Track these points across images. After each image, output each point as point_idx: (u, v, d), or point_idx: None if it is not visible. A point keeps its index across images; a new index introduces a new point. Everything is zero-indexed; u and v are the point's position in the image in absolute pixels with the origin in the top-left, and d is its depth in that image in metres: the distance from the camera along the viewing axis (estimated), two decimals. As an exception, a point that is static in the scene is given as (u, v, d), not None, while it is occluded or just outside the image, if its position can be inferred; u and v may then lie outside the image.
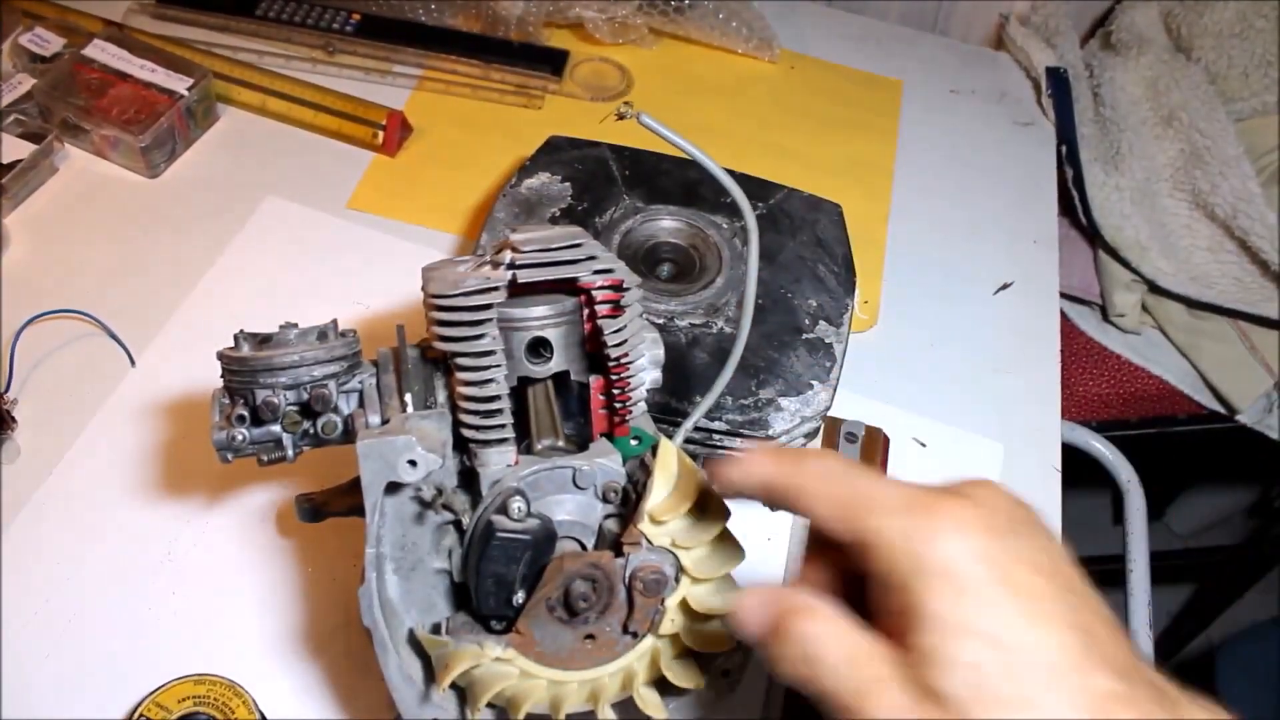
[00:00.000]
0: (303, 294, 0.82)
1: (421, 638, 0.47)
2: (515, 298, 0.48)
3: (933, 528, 0.33)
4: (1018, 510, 0.35)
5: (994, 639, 0.31)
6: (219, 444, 0.49)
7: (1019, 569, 0.33)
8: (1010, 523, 0.34)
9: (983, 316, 0.89)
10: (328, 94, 0.94)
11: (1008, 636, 0.31)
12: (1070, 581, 0.33)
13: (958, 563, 0.32)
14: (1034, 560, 0.33)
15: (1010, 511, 0.34)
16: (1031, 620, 0.32)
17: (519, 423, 0.48)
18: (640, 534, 0.45)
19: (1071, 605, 0.33)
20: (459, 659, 0.44)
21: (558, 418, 0.49)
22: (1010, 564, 0.33)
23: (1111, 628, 0.33)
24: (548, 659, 0.45)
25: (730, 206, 0.78)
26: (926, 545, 0.33)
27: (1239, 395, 1.10)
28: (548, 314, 0.48)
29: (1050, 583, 0.33)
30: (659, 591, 0.45)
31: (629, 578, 0.45)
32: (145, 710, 0.57)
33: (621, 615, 0.46)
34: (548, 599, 0.45)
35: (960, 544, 0.33)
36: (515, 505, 0.45)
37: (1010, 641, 0.31)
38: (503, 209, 0.77)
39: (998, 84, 1.12)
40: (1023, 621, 0.32)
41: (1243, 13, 1.11)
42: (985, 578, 0.32)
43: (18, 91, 0.88)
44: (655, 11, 1.05)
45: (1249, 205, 1.02)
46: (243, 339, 0.50)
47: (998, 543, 0.33)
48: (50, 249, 0.83)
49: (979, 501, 0.34)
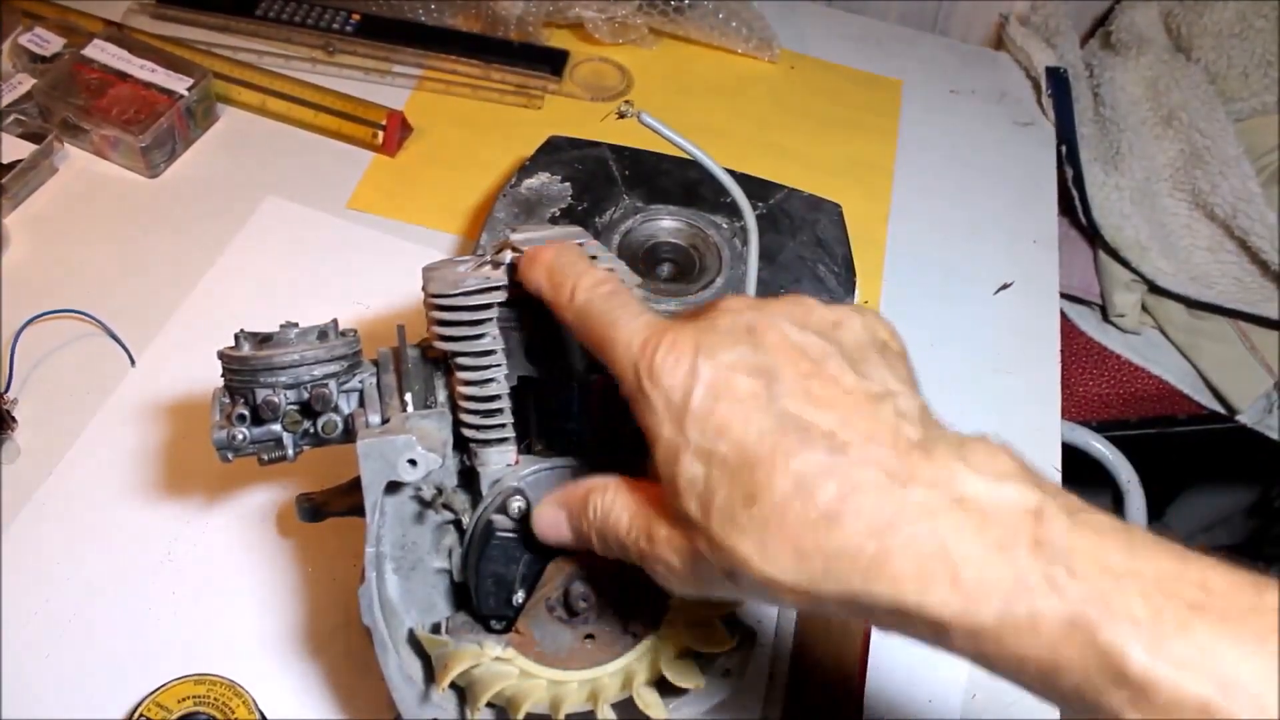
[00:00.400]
0: (303, 294, 0.82)
1: (421, 637, 0.47)
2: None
3: (649, 362, 0.35)
4: (742, 316, 0.36)
5: (706, 451, 0.34)
6: (219, 443, 0.49)
7: (733, 378, 0.34)
8: (730, 333, 0.35)
9: (983, 316, 0.89)
10: (328, 94, 0.94)
11: (719, 444, 0.33)
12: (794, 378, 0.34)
13: (671, 391, 0.35)
14: (748, 365, 0.34)
15: (734, 318, 0.36)
16: (736, 425, 0.33)
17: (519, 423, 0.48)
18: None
19: (786, 400, 0.33)
20: (458, 659, 0.44)
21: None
22: (721, 375, 0.34)
23: (835, 402, 0.34)
24: (548, 659, 0.45)
25: (730, 206, 0.78)
26: (648, 380, 0.35)
27: (1239, 395, 1.10)
28: None
29: (753, 381, 0.34)
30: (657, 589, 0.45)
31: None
32: (145, 710, 0.57)
33: (621, 613, 0.46)
34: (547, 599, 0.45)
35: (673, 374, 0.35)
36: (515, 505, 0.45)
37: (722, 447, 0.33)
38: (503, 209, 0.77)
39: (998, 84, 1.12)
40: (732, 422, 0.33)
41: (1243, 13, 1.11)
42: (695, 399, 0.34)
43: (18, 91, 0.88)
44: (655, 11, 1.05)
45: (1249, 205, 1.02)
46: (243, 338, 0.50)
47: (708, 360, 0.34)
48: (50, 249, 0.83)
49: (704, 323, 0.36)
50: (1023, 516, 0.30)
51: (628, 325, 0.37)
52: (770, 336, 0.35)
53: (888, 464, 0.32)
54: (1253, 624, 0.28)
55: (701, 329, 0.35)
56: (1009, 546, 0.30)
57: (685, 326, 0.36)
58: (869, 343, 0.36)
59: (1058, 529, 0.30)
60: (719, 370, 0.34)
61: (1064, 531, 0.30)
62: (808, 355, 0.34)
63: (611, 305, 0.39)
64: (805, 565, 0.32)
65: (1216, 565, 0.29)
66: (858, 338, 0.36)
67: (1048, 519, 0.30)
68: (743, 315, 0.36)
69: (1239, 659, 0.27)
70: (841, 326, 0.36)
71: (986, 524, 0.30)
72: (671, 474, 0.35)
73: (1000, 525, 0.30)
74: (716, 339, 0.35)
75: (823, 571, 0.31)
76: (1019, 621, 0.29)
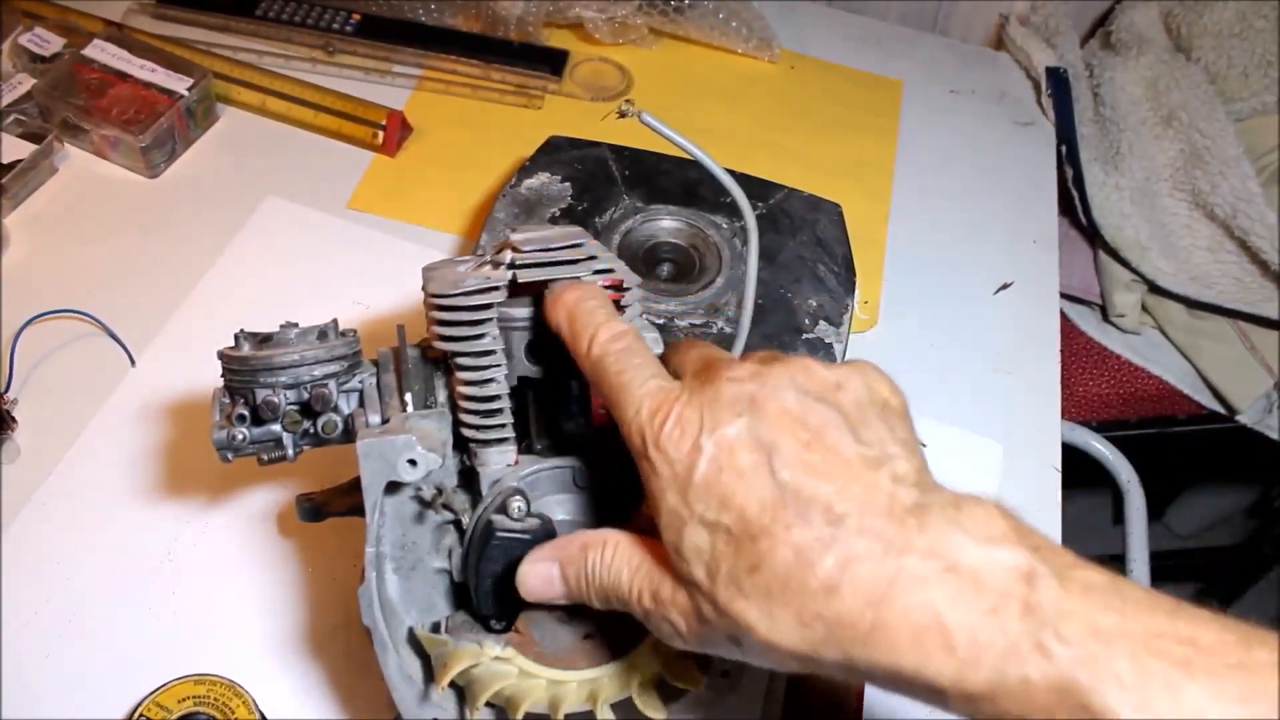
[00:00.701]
0: (303, 294, 0.82)
1: (421, 637, 0.47)
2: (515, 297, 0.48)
3: (656, 433, 0.36)
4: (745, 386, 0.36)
5: (711, 522, 0.35)
6: (219, 443, 0.49)
7: (735, 451, 0.35)
8: (732, 404, 0.36)
9: (983, 316, 0.89)
10: (328, 94, 0.94)
11: (723, 515, 0.34)
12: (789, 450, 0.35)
13: (676, 463, 0.36)
14: (750, 438, 0.35)
15: (737, 389, 0.36)
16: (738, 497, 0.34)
17: (519, 423, 0.48)
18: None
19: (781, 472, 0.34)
20: (458, 658, 0.44)
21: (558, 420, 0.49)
22: (724, 449, 0.35)
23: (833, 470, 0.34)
24: (547, 658, 0.45)
25: (730, 206, 0.78)
26: (654, 449, 0.36)
27: (1239, 395, 1.10)
28: None
29: (754, 454, 0.35)
30: None
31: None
32: (145, 710, 0.57)
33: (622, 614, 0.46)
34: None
35: (678, 447, 0.36)
36: (515, 505, 0.45)
37: (725, 518, 0.34)
38: (502, 209, 0.77)
39: (998, 84, 1.12)
40: (734, 493, 0.34)
41: (1243, 13, 1.11)
42: (699, 472, 0.35)
43: (18, 91, 0.88)
44: (655, 11, 1.05)
45: (1249, 205, 1.02)
46: (243, 338, 0.50)
47: (711, 435, 0.35)
48: (50, 249, 0.83)
49: (708, 393, 0.36)
50: (1014, 580, 0.31)
51: (637, 390, 0.38)
52: (771, 407, 0.35)
53: (884, 533, 0.32)
54: (1238, 681, 0.28)
55: (706, 401, 0.36)
56: (1000, 611, 0.30)
57: (691, 398, 0.37)
58: (869, 403, 0.37)
59: (1048, 592, 0.30)
60: (721, 444, 0.35)
61: (1054, 594, 0.30)
62: (807, 424, 0.35)
63: (624, 365, 0.40)
64: (807, 633, 0.33)
65: (1208, 620, 0.30)
66: (858, 399, 0.37)
67: (1038, 582, 0.31)
68: (745, 385, 0.36)
69: (1223, 717, 0.28)
70: (843, 388, 0.37)
71: (979, 589, 0.31)
72: (677, 541, 0.36)
73: (992, 590, 0.31)
74: (719, 412, 0.36)
75: (824, 639, 0.33)
76: (1012, 687, 0.30)
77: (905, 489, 0.34)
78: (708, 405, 0.36)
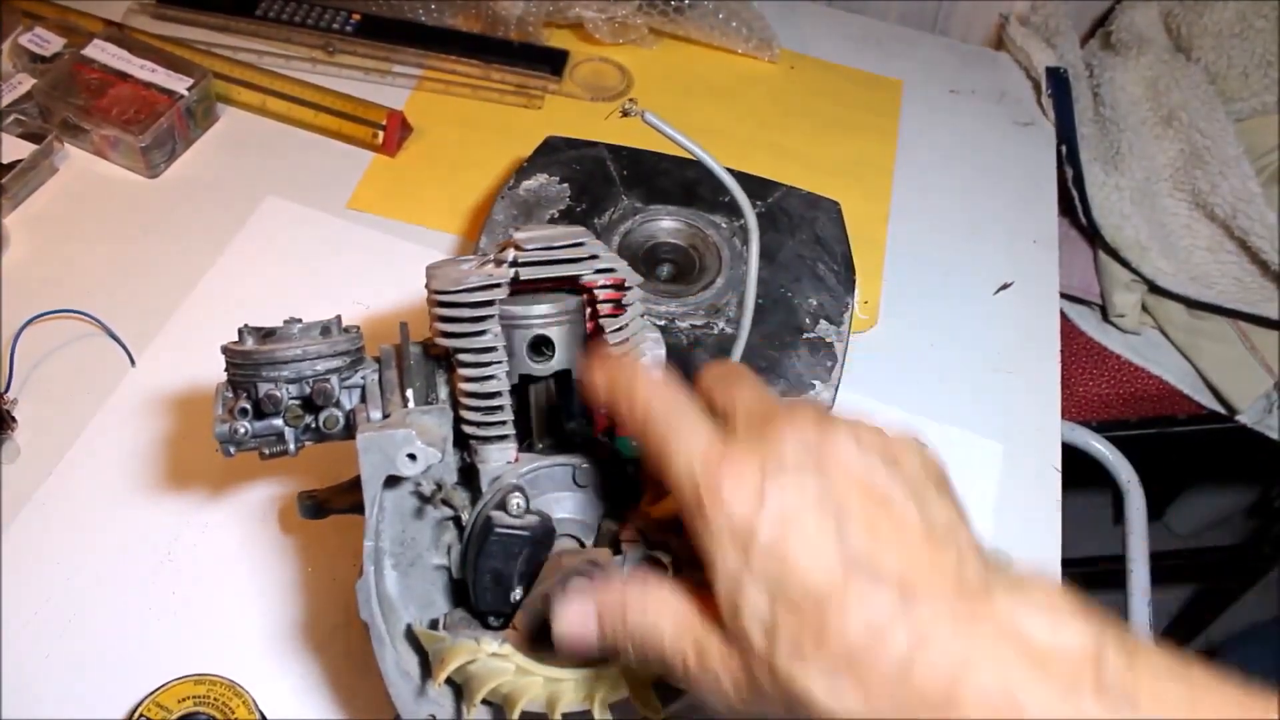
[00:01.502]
0: (303, 294, 0.82)
1: (418, 632, 0.47)
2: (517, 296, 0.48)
3: (713, 483, 0.34)
4: (808, 436, 0.35)
5: (774, 588, 0.33)
6: (221, 437, 0.49)
7: (801, 514, 0.33)
8: (796, 460, 0.34)
9: (983, 316, 0.89)
10: (328, 94, 0.94)
11: (788, 582, 0.33)
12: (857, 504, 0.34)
13: (735, 517, 0.34)
14: (816, 500, 0.34)
15: (800, 439, 0.35)
16: (804, 563, 0.33)
17: (521, 421, 0.48)
18: (638, 532, 0.45)
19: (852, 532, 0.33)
20: (455, 654, 0.44)
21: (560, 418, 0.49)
22: (789, 509, 0.33)
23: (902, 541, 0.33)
24: (545, 656, 0.45)
25: (729, 206, 0.78)
26: (710, 501, 0.34)
27: (1239, 395, 1.10)
28: (550, 312, 0.48)
29: (823, 518, 0.33)
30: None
31: (626, 575, 0.45)
32: (145, 710, 0.57)
33: None
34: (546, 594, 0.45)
35: (737, 499, 0.34)
36: (514, 501, 0.45)
37: (790, 586, 0.33)
38: (501, 211, 0.77)
39: (998, 84, 1.12)
40: (800, 561, 0.33)
41: (1243, 13, 1.11)
42: (762, 530, 0.33)
43: (18, 91, 0.88)
44: (655, 11, 1.05)
45: (1249, 205, 1.02)
46: (246, 333, 0.50)
47: (775, 488, 0.34)
48: (50, 249, 0.83)
49: (769, 445, 0.35)
50: (1084, 658, 0.31)
51: (688, 438, 0.36)
52: (836, 466, 0.34)
53: (955, 610, 0.32)
54: None
55: (767, 451, 0.35)
56: (1073, 690, 0.30)
57: (749, 446, 0.35)
58: (926, 476, 0.36)
59: (1118, 672, 0.30)
60: (786, 501, 0.34)
61: (1124, 674, 0.30)
62: (875, 489, 0.34)
63: (673, 411, 0.38)
64: (874, 705, 0.32)
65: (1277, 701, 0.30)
66: (917, 472, 0.36)
67: (1108, 662, 0.30)
68: (808, 435, 0.35)
69: None
70: (902, 457, 0.36)
71: (1050, 667, 0.31)
72: (734, 601, 0.34)
73: (1063, 668, 0.30)
74: (782, 464, 0.34)
75: (891, 712, 0.32)
76: None
77: (971, 566, 0.33)
78: (770, 458, 0.34)
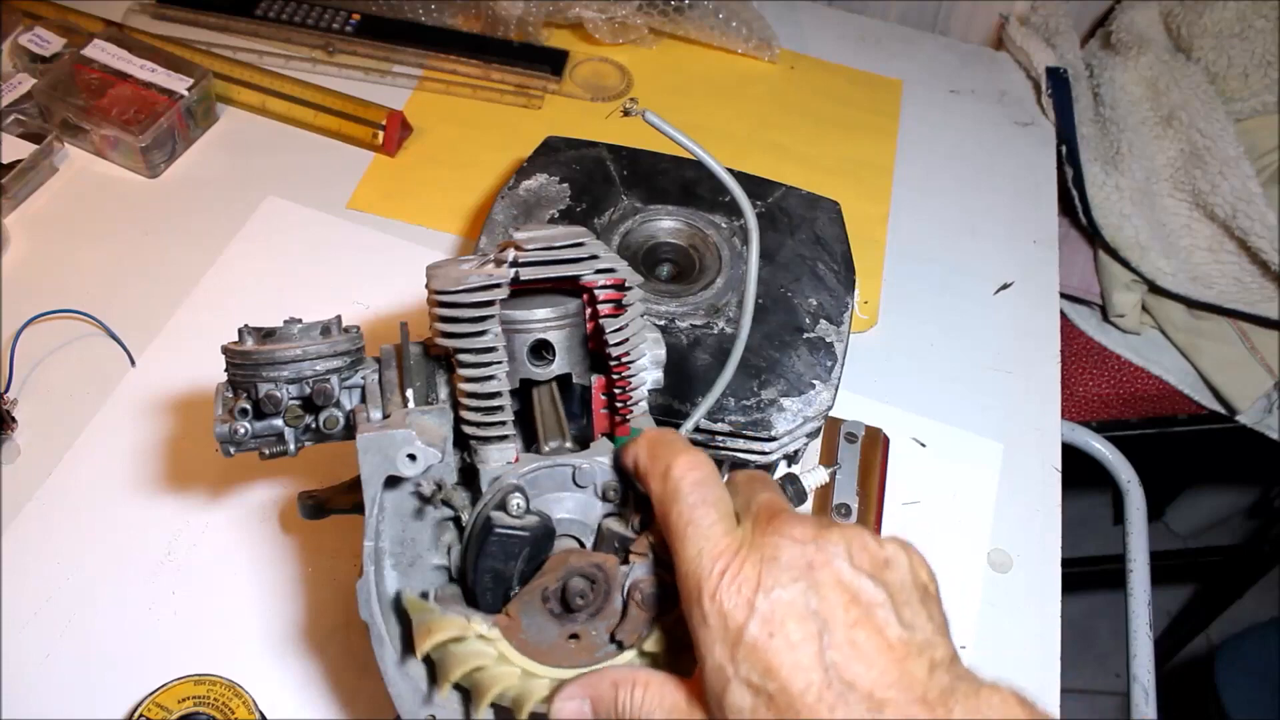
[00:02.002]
0: (303, 294, 0.82)
1: (407, 600, 0.46)
2: (518, 300, 0.48)
3: (714, 584, 0.38)
4: (804, 550, 0.38)
5: (755, 686, 0.36)
6: (221, 436, 0.49)
7: (786, 621, 0.36)
8: (790, 569, 0.37)
9: (983, 316, 0.89)
10: (328, 94, 0.94)
11: (768, 683, 0.36)
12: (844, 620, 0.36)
13: (728, 617, 0.37)
14: (803, 608, 0.36)
15: (796, 551, 0.38)
16: (785, 668, 0.36)
17: (526, 425, 0.48)
18: (649, 546, 0.45)
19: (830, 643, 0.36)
20: (443, 626, 0.44)
21: (564, 419, 0.49)
22: (778, 614, 0.36)
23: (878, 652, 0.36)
24: (529, 649, 0.45)
25: (729, 205, 0.78)
26: (709, 598, 0.38)
27: (1239, 395, 1.10)
28: (550, 317, 0.48)
29: (805, 626, 0.36)
30: (655, 607, 0.45)
31: (629, 587, 0.45)
32: (145, 710, 0.57)
33: (612, 623, 0.45)
34: (545, 588, 0.44)
35: (732, 601, 0.37)
36: (514, 502, 0.45)
37: (770, 686, 0.36)
38: (501, 211, 0.77)
39: (998, 84, 1.12)
40: (782, 665, 0.36)
41: (1243, 13, 1.11)
42: (750, 631, 0.36)
43: (18, 91, 0.88)
44: (655, 11, 1.05)
45: (1249, 205, 1.02)
46: (247, 333, 0.50)
47: (767, 596, 0.37)
48: (50, 249, 0.83)
49: (769, 551, 0.38)
50: None
51: (703, 532, 0.40)
52: (826, 577, 0.37)
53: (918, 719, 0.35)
54: None
55: (766, 558, 0.38)
56: None
57: (750, 552, 0.38)
58: (912, 585, 0.39)
59: None
60: (775, 608, 0.36)
61: None
62: (859, 600, 0.37)
63: (696, 500, 0.41)
64: None
65: None
66: (904, 580, 0.38)
67: None
68: (805, 549, 0.38)
69: None
70: (891, 566, 0.38)
71: None
72: (720, 695, 0.37)
73: None
74: (777, 574, 0.37)
75: None
76: None
77: (940, 675, 0.36)
78: (766, 564, 0.37)
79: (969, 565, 0.73)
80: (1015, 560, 0.74)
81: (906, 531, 0.73)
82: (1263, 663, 1.18)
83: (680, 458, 0.42)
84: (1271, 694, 1.15)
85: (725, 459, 0.69)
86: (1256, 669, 1.18)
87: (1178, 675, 1.52)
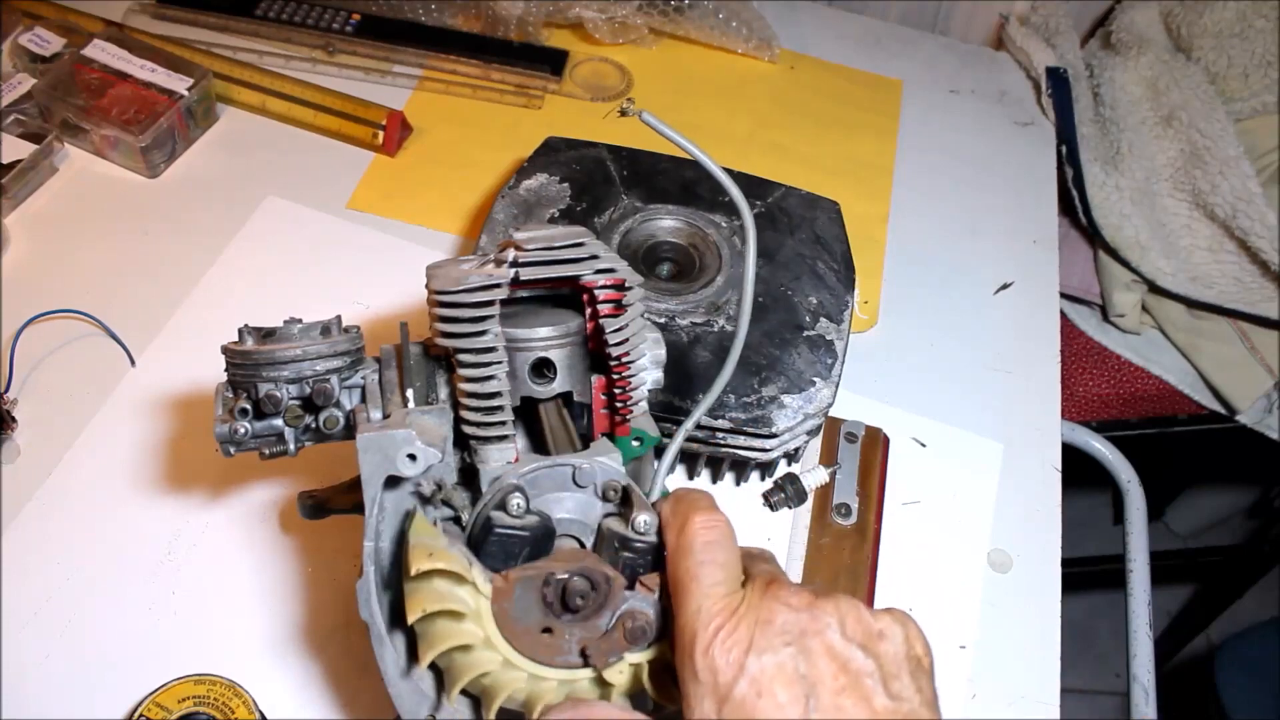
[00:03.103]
0: (303, 294, 0.82)
1: (416, 520, 0.45)
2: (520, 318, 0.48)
3: (708, 642, 0.39)
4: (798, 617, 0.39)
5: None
6: (221, 437, 0.49)
7: (775, 682, 0.37)
8: (783, 635, 0.38)
9: (983, 316, 0.89)
10: (328, 94, 0.94)
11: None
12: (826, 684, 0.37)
13: (718, 674, 0.38)
14: (791, 672, 0.37)
15: (789, 618, 0.39)
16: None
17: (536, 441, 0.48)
18: (661, 584, 0.44)
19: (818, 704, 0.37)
20: (446, 558, 0.43)
21: (574, 434, 0.49)
22: (767, 675, 0.37)
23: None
24: (506, 622, 0.44)
25: (728, 205, 0.78)
26: (701, 655, 0.39)
27: (1239, 395, 1.10)
28: (552, 335, 0.48)
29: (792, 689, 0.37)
30: (635, 640, 0.44)
31: (623, 612, 0.44)
32: (145, 710, 0.57)
33: (590, 637, 0.44)
34: (551, 573, 0.44)
35: (724, 660, 0.38)
36: (514, 502, 0.45)
37: None
38: (501, 211, 0.77)
39: (998, 84, 1.12)
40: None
41: (1243, 13, 1.11)
42: (738, 690, 0.37)
43: (18, 91, 0.88)
44: (655, 11, 1.05)
45: (1249, 205, 1.02)
46: (247, 333, 0.50)
47: (757, 659, 0.38)
48: (50, 249, 0.83)
49: (764, 615, 0.39)
50: None
51: (702, 592, 0.40)
52: (816, 644, 0.38)
53: None
54: None
55: (761, 621, 0.39)
56: None
57: (746, 613, 0.39)
58: (904, 658, 0.39)
59: None
60: (765, 669, 0.38)
61: None
62: (847, 669, 0.38)
63: (704, 559, 0.42)
64: None
65: None
66: (896, 652, 0.39)
67: None
68: (798, 615, 0.39)
69: None
70: (884, 638, 0.39)
71: None
72: None
73: None
74: (770, 637, 0.38)
75: None
76: None
77: None
78: (761, 627, 0.38)
79: (969, 565, 0.73)
80: (1015, 560, 0.74)
81: (906, 531, 0.74)
82: (1263, 663, 1.18)
83: (698, 515, 0.43)
84: (1271, 694, 1.15)
85: (726, 456, 0.69)
86: (1256, 669, 1.18)
87: (1178, 675, 1.52)
